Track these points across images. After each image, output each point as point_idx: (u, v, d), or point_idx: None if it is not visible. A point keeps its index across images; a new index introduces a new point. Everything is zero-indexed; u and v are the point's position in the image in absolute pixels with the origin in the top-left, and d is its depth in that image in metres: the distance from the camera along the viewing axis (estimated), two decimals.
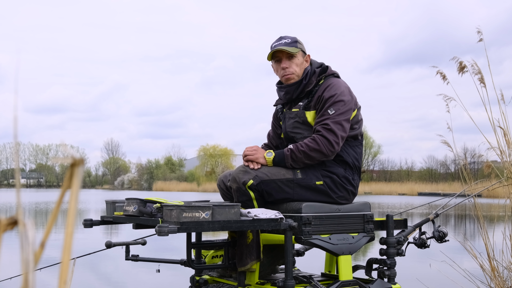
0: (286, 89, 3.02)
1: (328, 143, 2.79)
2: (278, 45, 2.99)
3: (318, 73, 3.01)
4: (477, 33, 4.22)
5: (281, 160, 2.84)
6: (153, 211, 2.57)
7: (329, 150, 2.80)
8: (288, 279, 2.60)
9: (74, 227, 0.53)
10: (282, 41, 3.00)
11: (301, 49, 3.01)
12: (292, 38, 3.01)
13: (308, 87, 2.98)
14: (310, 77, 3.00)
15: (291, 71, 2.98)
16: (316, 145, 2.79)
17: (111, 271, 6.61)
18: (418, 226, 3.39)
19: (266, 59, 3.07)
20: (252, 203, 2.79)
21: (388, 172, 55.86)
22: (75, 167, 0.53)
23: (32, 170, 75.05)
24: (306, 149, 2.79)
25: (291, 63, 2.98)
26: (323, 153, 2.80)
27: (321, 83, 2.98)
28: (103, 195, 36.24)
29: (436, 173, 52.91)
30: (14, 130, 0.55)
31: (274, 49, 2.98)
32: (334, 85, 2.92)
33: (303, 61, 3.02)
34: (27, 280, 0.50)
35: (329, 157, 2.85)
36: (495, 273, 3.92)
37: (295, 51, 2.97)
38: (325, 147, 2.79)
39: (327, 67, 3.06)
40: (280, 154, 2.85)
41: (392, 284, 2.94)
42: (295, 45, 2.99)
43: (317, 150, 2.79)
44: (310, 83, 2.99)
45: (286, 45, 2.98)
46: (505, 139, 4.09)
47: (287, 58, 2.98)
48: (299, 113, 2.99)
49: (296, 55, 2.98)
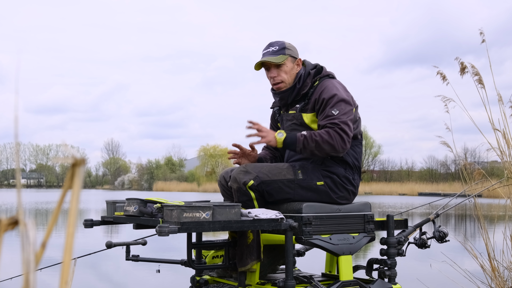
0: (280, 96, 3.01)
1: (341, 139, 2.77)
2: (265, 53, 2.97)
3: (312, 75, 2.99)
4: (479, 34, 4.23)
5: (293, 142, 2.79)
6: (154, 211, 2.57)
7: (341, 146, 2.78)
8: (288, 279, 2.60)
9: (75, 227, 0.53)
10: (269, 49, 2.98)
11: (290, 55, 2.96)
12: (280, 45, 2.97)
13: (303, 90, 2.97)
14: (305, 80, 2.98)
15: (280, 79, 2.96)
16: (330, 138, 2.76)
17: (111, 271, 6.61)
18: (419, 226, 3.39)
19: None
20: (253, 203, 2.79)
21: (388, 172, 55.85)
22: (76, 167, 0.53)
23: (32, 170, 75.04)
24: (319, 139, 2.76)
25: (279, 71, 2.95)
26: (334, 147, 2.77)
27: (316, 84, 2.96)
28: (103, 195, 36.24)
29: (437, 173, 52.89)
30: (15, 130, 0.55)
31: (258, 61, 2.96)
32: (331, 86, 2.90)
33: (294, 66, 2.98)
34: (28, 280, 0.50)
35: (339, 153, 2.82)
36: (495, 273, 3.92)
37: (282, 60, 2.93)
38: (337, 142, 2.76)
39: (322, 68, 3.03)
40: (293, 137, 2.80)
41: (392, 284, 2.94)
42: (283, 52, 2.95)
43: (330, 143, 2.76)
44: (305, 85, 2.97)
45: (273, 53, 2.95)
46: (505, 139, 4.09)
47: (275, 67, 2.96)
48: (296, 115, 2.98)
49: (284, 62, 2.94)
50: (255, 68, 3.02)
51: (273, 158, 3.22)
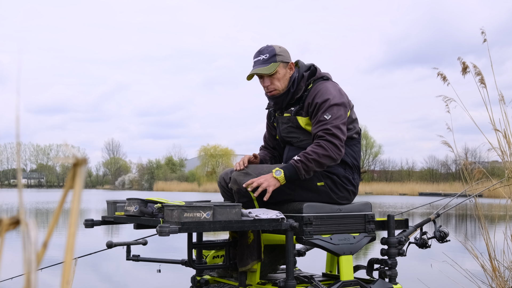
0: (274, 101, 3.00)
1: (334, 147, 2.76)
2: (256, 62, 2.94)
3: (306, 77, 2.97)
4: (481, 34, 4.22)
5: (293, 174, 2.75)
6: (154, 211, 2.57)
7: (337, 154, 2.78)
8: (289, 279, 2.60)
9: (77, 227, 0.53)
10: (260, 57, 2.94)
11: (281, 61, 2.93)
12: (270, 52, 2.93)
13: (298, 94, 2.95)
14: (298, 83, 2.96)
15: (273, 87, 2.95)
16: (324, 150, 2.74)
17: (112, 271, 6.61)
18: (419, 226, 3.39)
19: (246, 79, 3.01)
20: (253, 204, 2.79)
21: (389, 172, 55.83)
22: (77, 167, 0.53)
23: (33, 170, 75.07)
24: (316, 157, 2.74)
25: (272, 79, 2.93)
26: (332, 157, 2.77)
27: (310, 87, 2.95)
28: (104, 195, 36.25)
29: (437, 173, 52.86)
30: (16, 130, 0.55)
31: (250, 73, 2.94)
32: (324, 90, 2.88)
33: (286, 71, 2.96)
34: (29, 280, 0.50)
35: (337, 161, 2.81)
36: (496, 273, 3.91)
37: (273, 69, 2.90)
38: (332, 151, 2.76)
39: (316, 69, 3.01)
40: (290, 169, 2.75)
41: (393, 284, 2.94)
42: (274, 59, 2.92)
43: (326, 155, 2.75)
44: (299, 89, 2.96)
45: (264, 62, 2.92)
46: (506, 139, 4.08)
47: (267, 76, 2.94)
48: (291, 118, 2.97)
49: (277, 70, 2.92)
50: (247, 79, 3.01)
51: (272, 158, 3.23)
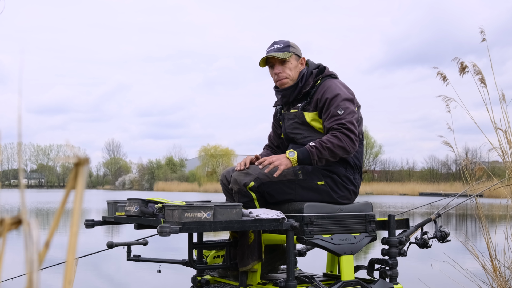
0: (282, 93, 3.02)
1: (349, 140, 2.77)
2: (270, 51, 2.99)
3: (315, 74, 3.01)
4: (480, 33, 4.22)
5: (306, 157, 2.76)
6: (155, 211, 2.57)
7: (351, 147, 2.79)
8: (290, 279, 2.60)
9: (78, 227, 0.53)
10: (274, 46, 3.00)
11: (294, 53, 3.00)
12: (285, 43, 3.01)
13: (305, 89, 2.98)
14: (307, 79, 3.00)
15: (284, 75, 2.98)
16: (340, 141, 2.75)
17: (112, 271, 6.61)
18: (420, 226, 3.39)
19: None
20: (254, 204, 2.79)
21: (389, 172, 55.79)
22: (79, 167, 0.53)
23: (33, 170, 75.05)
24: (330, 146, 2.74)
25: (284, 67, 2.98)
26: (346, 149, 2.77)
27: (318, 84, 2.97)
28: (104, 195, 36.25)
29: (438, 173, 52.82)
30: (18, 130, 0.55)
31: (264, 57, 2.99)
32: (333, 86, 2.91)
33: (298, 64, 3.01)
34: (31, 280, 0.50)
35: (350, 154, 2.82)
36: (497, 273, 3.91)
37: (287, 56, 2.96)
38: (347, 143, 2.76)
39: (325, 68, 3.05)
40: (304, 152, 2.76)
41: (394, 284, 2.94)
42: (288, 49, 2.98)
43: (341, 146, 2.76)
44: (307, 84, 2.99)
45: (278, 50, 2.98)
46: (507, 139, 4.08)
47: (279, 64, 2.98)
48: (298, 114, 2.99)
49: (289, 59, 2.97)
50: (260, 65, 3.03)
51: None
